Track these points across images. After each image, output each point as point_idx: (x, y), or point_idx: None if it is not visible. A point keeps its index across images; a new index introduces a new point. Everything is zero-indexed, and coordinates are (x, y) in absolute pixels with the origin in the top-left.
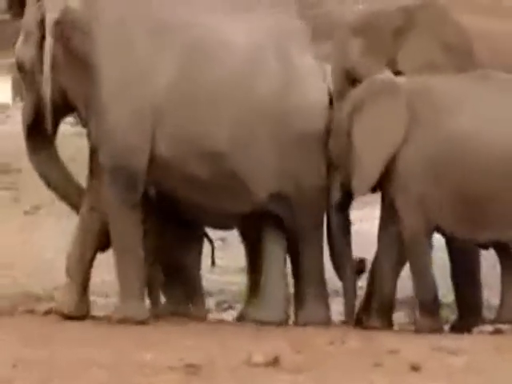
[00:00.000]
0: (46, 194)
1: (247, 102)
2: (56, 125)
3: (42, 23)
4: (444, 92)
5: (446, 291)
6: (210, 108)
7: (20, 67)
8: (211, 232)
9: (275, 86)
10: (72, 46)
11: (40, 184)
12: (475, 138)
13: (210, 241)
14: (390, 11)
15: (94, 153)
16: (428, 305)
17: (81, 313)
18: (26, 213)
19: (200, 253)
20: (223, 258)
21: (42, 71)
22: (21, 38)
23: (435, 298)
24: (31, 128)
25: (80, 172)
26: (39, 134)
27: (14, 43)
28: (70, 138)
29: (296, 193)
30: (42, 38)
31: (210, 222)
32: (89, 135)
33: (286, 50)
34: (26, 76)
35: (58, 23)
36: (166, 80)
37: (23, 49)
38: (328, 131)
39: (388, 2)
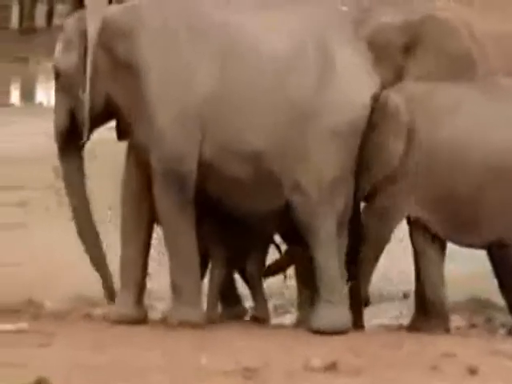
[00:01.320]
0: (98, 200)
1: (282, 98)
2: (90, 133)
3: (83, 32)
4: (440, 98)
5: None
6: (247, 107)
7: (58, 73)
8: None
9: (311, 80)
10: (116, 54)
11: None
12: (467, 144)
13: (278, 248)
14: (396, 26)
15: (138, 157)
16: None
17: (137, 317)
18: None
19: (264, 256)
20: None
21: (82, 79)
22: (60, 45)
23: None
24: (64, 135)
25: None
26: (71, 141)
27: None
28: None
29: (316, 186)
30: (84, 46)
31: (251, 224)
32: (132, 140)
33: (326, 44)
34: (63, 82)
35: (101, 32)
36: (207, 83)
37: (63, 56)
38: (364, 127)
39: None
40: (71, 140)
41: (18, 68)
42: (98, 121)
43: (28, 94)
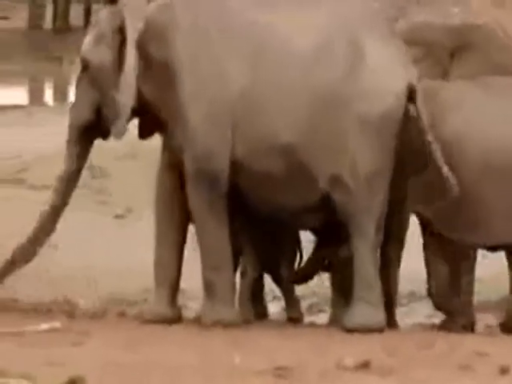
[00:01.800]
0: (136, 199)
1: (311, 91)
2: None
3: (117, 28)
4: (445, 95)
5: None
6: (277, 103)
7: (85, 65)
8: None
9: (340, 72)
10: (149, 52)
11: (130, 189)
12: (466, 140)
13: (301, 254)
14: (446, 28)
15: (171, 156)
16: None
17: (171, 316)
18: (116, 216)
19: (295, 257)
20: None
21: (113, 75)
22: (90, 38)
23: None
24: (81, 129)
25: None
26: (86, 137)
27: None
28: None
29: (352, 179)
30: (118, 42)
31: (285, 219)
32: (166, 139)
33: (356, 37)
34: (91, 75)
35: (140, 32)
36: (238, 82)
37: (93, 49)
38: (398, 118)
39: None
40: (87, 136)
41: (52, 67)
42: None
43: (61, 94)
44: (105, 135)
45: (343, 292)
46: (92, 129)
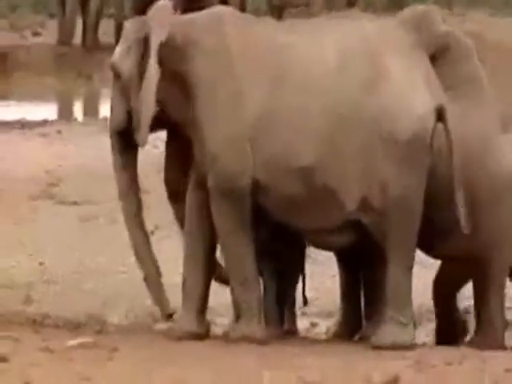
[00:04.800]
0: (164, 216)
1: (331, 112)
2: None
3: (141, 40)
4: None
5: None
6: (297, 125)
7: (117, 74)
8: None
9: (358, 92)
10: (171, 67)
11: (159, 205)
12: None
13: (303, 276)
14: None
15: (197, 173)
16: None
17: (199, 333)
18: (151, 233)
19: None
20: None
21: (138, 85)
22: (121, 47)
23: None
24: (120, 134)
25: None
26: (127, 142)
27: None
28: None
29: (383, 202)
30: (141, 54)
31: (309, 241)
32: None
33: (378, 56)
34: (122, 83)
35: (161, 45)
36: (256, 106)
37: (123, 58)
38: (427, 138)
39: None
40: (127, 142)
41: (82, 84)
42: (151, 127)
43: (91, 110)
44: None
45: (371, 307)
46: (130, 135)
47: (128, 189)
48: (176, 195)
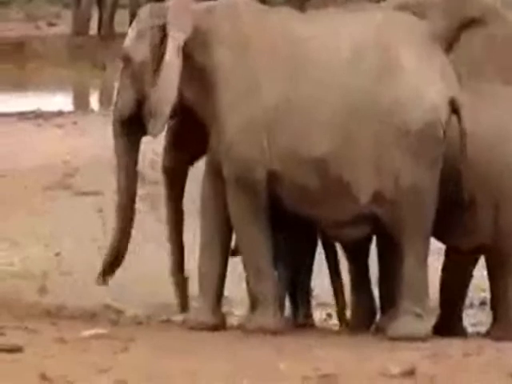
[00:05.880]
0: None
1: (346, 103)
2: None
3: (157, 27)
4: None
5: None
6: (311, 116)
7: (127, 61)
8: None
9: (372, 83)
10: (192, 57)
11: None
12: None
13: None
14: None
15: (213, 162)
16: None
17: (215, 323)
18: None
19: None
20: None
21: (152, 73)
22: (132, 34)
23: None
24: (125, 123)
25: None
26: (132, 131)
27: None
28: None
29: (396, 194)
30: (158, 40)
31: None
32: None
33: (392, 47)
34: (132, 70)
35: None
36: (273, 92)
37: (135, 44)
38: (441, 129)
39: None
40: (132, 131)
41: (98, 74)
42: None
43: (106, 100)
44: (146, 132)
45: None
46: (136, 124)
47: (127, 177)
48: (172, 173)
